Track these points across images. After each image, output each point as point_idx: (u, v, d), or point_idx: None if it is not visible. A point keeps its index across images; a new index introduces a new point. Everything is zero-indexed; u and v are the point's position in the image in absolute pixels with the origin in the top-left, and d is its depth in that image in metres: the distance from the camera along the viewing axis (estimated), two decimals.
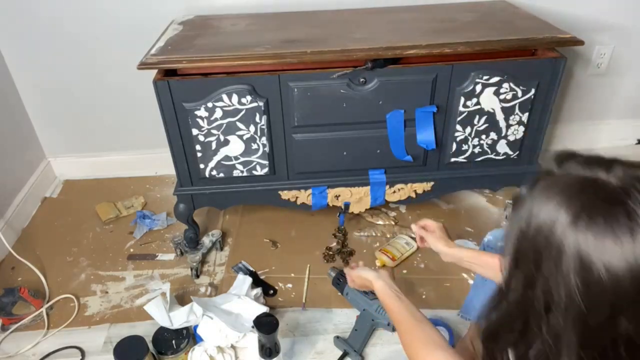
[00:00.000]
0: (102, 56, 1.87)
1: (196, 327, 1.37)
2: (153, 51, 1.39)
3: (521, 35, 1.42)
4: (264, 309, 1.41)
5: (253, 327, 1.26)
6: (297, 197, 1.61)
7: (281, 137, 1.48)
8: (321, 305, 1.55)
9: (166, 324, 1.35)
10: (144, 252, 1.78)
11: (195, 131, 1.43)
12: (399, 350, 1.40)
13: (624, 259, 0.50)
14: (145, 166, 2.15)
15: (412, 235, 1.78)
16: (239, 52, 1.36)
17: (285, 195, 1.60)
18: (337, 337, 1.41)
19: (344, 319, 1.50)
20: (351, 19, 1.64)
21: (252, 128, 1.44)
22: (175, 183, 1.57)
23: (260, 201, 1.62)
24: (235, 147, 1.47)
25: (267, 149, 1.49)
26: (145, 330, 1.42)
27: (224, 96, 1.38)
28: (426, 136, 1.49)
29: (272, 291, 1.59)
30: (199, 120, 1.41)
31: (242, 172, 1.53)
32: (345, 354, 1.38)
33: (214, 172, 1.52)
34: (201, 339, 1.37)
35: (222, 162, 1.50)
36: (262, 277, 1.65)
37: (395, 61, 1.40)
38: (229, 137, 1.45)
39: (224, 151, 1.48)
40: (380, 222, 1.85)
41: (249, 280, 1.51)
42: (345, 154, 1.53)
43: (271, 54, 1.34)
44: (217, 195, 1.59)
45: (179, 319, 1.36)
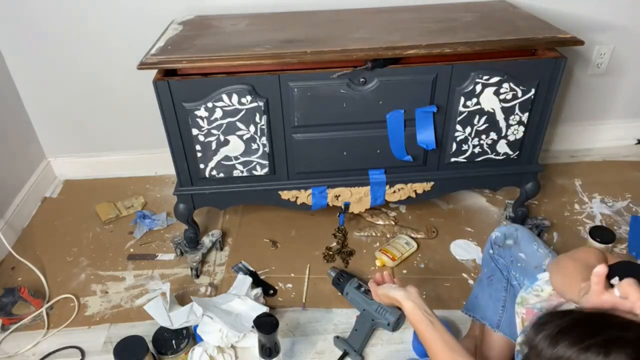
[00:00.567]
0: (102, 56, 1.87)
1: (196, 327, 1.37)
2: (153, 51, 1.39)
3: (521, 35, 1.42)
4: (264, 309, 1.41)
5: (253, 327, 1.26)
6: (297, 197, 1.61)
7: (281, 137, 1.48)
8: (321, 305, 1.55)
9: (166, 324, 1.35)
10: (144, 252, 1.78)
11: (195, 131, 1.43)
12: (399, 350, 1.41)
13: None
14: (145, 166, 2.15)
15: (412, 235, 1.78)
16: (239, 52, 1.36)
17: (285, 195, 1.60)
18: (337, 337, 1.41)
19: (344, 319, 1.50)
20: (351, 19, 1.64)
21: (252, 128, 1.44)
22: (175, 183, 1.57)
23: (260, 201, 1.62)
24: (235, 147, 1.47)
25: (267, 149, 1.49)
26: (145, 330, 1.42)
27: (224, 96, 1.38)
28: (426, 136, 1.49)
29: (272, 291, 1.59)
30: (199, 120, 1.41)
31: (242, 172, 1.53)
32: (345, 354, 1.38)
33: (214, 172, 1.52)
34: (201, 339, 1.37)
35: (222, 162, 1.50)
36: (262, 277, 1.65)
37: (395, 61, 1.40)
38: (229, 137, 1.45)
39: (224, 151, 1.48)
40: (380, 222, 1.85)
41: (249, 280, 1.51)
42: (345, 154, 1.53)
43: (271, 54, 1.34)
44: (217, 195, 1.59)
45: (179, 319, 1.36)
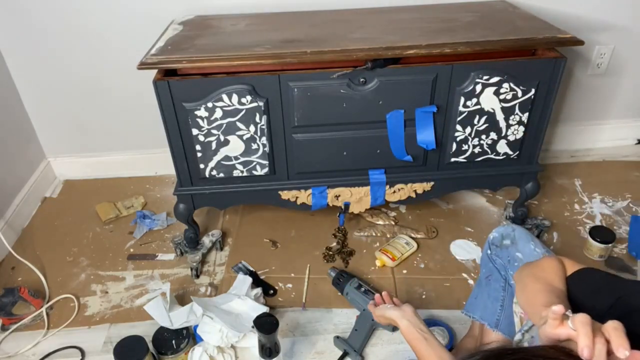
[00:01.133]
0: (102, 56, 1.87)
1: (196, 327, 1.37)
2: (153, 51, 1.39)
3: (521, 35, 1.42)
4: (264, 309, 1.41)
5: (253, 327, 1.26)
6: (297, 197, 1.61)
7: (281, 137, 1.48)
8: (321, 305, 1.55)
9: (166, 324, 1.35)
10: (144, 252, 1.78)
11: (195, 131, 1.43)
12: (399, 350, 1.41)
13: None
14: (145, 166, 2.15)
15: (412, 235, 1.78)
16: (239, 52, 1.36)
17: (285, 195, 1.60)
18: (337, 337, 1.41)
19: (344, 319, 1.50)
20: (351, 19, 1.64)
21: (252, 128, 1.44)
22: (175, 183, 1.57)
23: (260, 201, 1.62)
24: (235, 147, 1.47)
25: (267, 149, 1.49)
26: (145, 330, 1.42)
27: (224, 96, 1.38)
28: (426, 136, 1.49)
29: (272, 291, 1.59)
30: (199, 120, 1.41)
31: (242, 172, 1.53)
32: (345, 354, 1.38)
33: (214, 172, 1.52)
34: (201, 339, 1.37)
35: (222, 162, 1.50)
36: (262, 277, 1.65)
37: (395, 61, 1.40)
38: (229, 137, 1.45)
39: (224, 151, 1.48)
40: (380, 222, 1.85)
41: (249, 280, 1.51)
42: (345, 154, 1.53)
43: (271, 54, 1.34)
44: (217, 195, 1.59)
45: (179, 319, 1.36)
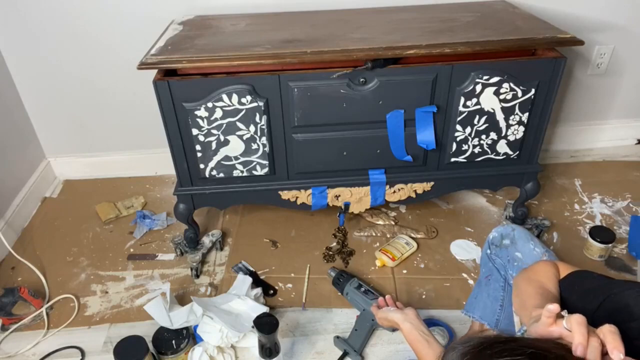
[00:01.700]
0: (102, 56, 1.87)
1: (196, 327, 1.37)
2: (153, 51, 1.39)
3: (521, 35, 1.42)
4: (264, 309, 1.41)
5: (253, 327, 1.26)
6: (297, 197, 1.61)
7: (281, 137, 1.48)
8: (321, 305, 1.55)
9: (166, 324, 1.35)
10: (144, 252, 1.78)
11: (195, 131, 1.43)
12: (399, 350, 1.41)
13: None
14: (145, 166, 2.15)
15: (412, 235, 1.78)
16: (239, 52, 1.36)
17: (285, 195, 1.60)
18: (337, 337, 1.41)
19: (344, 319, 1.50)
20: (351, 19, 1.64)
21: (252, 128, 1.44)
22: (175, 183, 1.57)
23: (260, 201, 1.62)
24: (235, 147, 1.47)
25: (267, 149, 1.49)
26: (145, 330, 1.42)
27: (224, 96, 1.38)
28: (426, 136, 1.49)
29: (272, 291, 1.59)
30: (199, 120, 1.41)
31: (242, 172, 1.53)
32: (345, 354, 1.38)
33: (214, 172, 1.52)
34: (201, 339, 1.37)
35: (222, 162, 1.50)
36: (262, 277, 1.65)
37: (395, 61, 1.40)
38: (229, 137, 1.45)
39: (224, 151, 1.48)
40: (380, 222, 1.85)
41: (249, 280, 1.51)
42: (345, 154, 1.53)
43: (271, 54, 1.34)
44: (217, 195, 1.59)
45: (179, 319, 1.36)
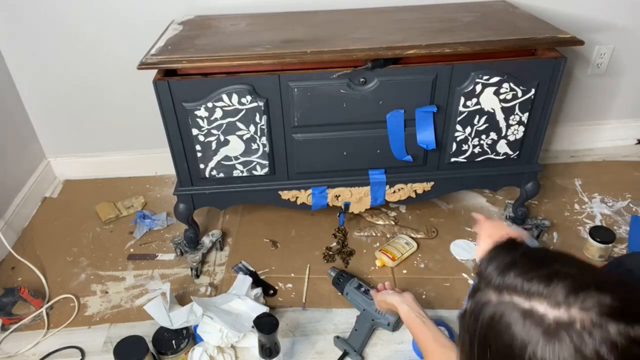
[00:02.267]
0: (102, 56, 1.87)
1: (196, 327, 1.37)
2: (153, 51, 1.39)
3: (521, 35, 1.42)
4: (264, 309, 1.41)
5: (253, 327, 1.26)
6: (297, 197, 1.61)
7: (281, 137, 1.48)
8: (321, 305, 1.55)
9: (166, 324, 1.35)
10: (144, 252, 1.78)
11: (195, 131, 1.43)
12: (399, 350, 1.41)
13: None
14: (145, 166, 2.15)
15: (412, 235, 1.78)
16: (239, 52, 1.36)
17: (285, 195, 1.60)
18: (337, 337, 1.41)
19: (344, 319, 1.50)
20: (351, 19, 1.64)
21: (252, 128, 1.44)
22: (175, 183, 1.57)
23: (260, 201, 1.62)
24: (235, 147, 1.47)
25: (267, 149, 1.49)
26: (145, 330, 1.42)
27: (224, 96, 1.38)
28: (426, 136, 1.49)
29: (272, 291, 1.59)
30: (199, 120, 1.41)
31: (242, 172, 1.53)
32: (345, 354, 1.38)
33: (214, 172, 1.52)
34: (201, 339, 1.37)
35: (222, 162, 1.50)
36: (262, 277, 1.65)
37: (395, 61, 1.40)
38: (229, 137, 1.45)
39: (224, 151, 1.48)
40: (380, 222, 1.85)
41: (249, 280, 1.51)
42: (345, 154, 1.53)
43: (271, 54, 1.34)
44: (217, 195, 1.59)
45: (179, 319, 1.36)
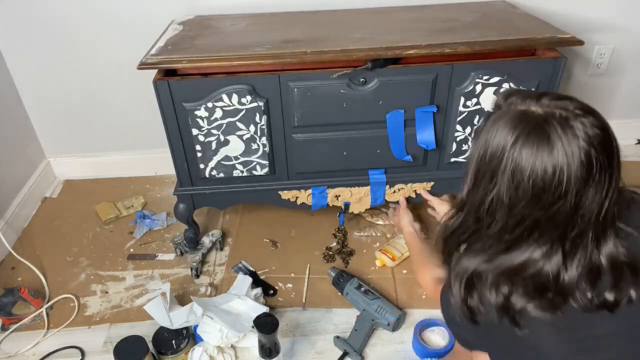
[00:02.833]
0: (102, 56, 1.87)
1: (196, 327, 1.37)
2: (153, 51, 1.39)
3: (521, 35, 1.42)
4: (264, 309, 1.41)
5: (253, 327, 1.26)
6: (297, 197, 1.61)
7: (281, 137, 1.48)
8: (321, 305, 1.55)
9: (166, 324, 1.35)
10: (144, 252, 1.78)
11: (195, 131, 1.43)
12: (399, 350, 1.41)
13: (542, 168, 0.69)
14: (145, 166, 2.15)
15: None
16: (239, 52, 1.36)
17: (285, 195, 1.60)
18: (337, 337, 1.41)
19: (344, 319, 1.50)
20: (351, 19, 1.64)
21: (252, 128, 1.44)
22: (175, 183, 1.57)
23: (260, 201, 1.62)
24: (235, 147, 1.47)
25: (267, 149, 1.49)
26: (145, 330, 1.42)
27: (224, 96, 1.38)
28: (426, 136, 1.49)
29: (272, 291, 1.59)
30: (199, 120, 1.41)
31: (242, 172, 1.53)
32: (345, 354, 1.38)
33: (214, 172, 1.52)
34: (201, 339, 1.37)
35: (222, 162, 1.50)
36: (262, 277, 1.65)
37: (395, 61, 1.40)
38: (229, 137, 1.45)
39: (224, 151, 1.48)
40: (380, 222, 1.85)
41: (249, 280, 1.51)
42: (345, 154, 1.53)
43: (271, 54, 1.34)
44: (217, 195, 1.59)
45: (179, 319, 1.36)
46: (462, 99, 1.45)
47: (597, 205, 0.71)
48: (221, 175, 1.53)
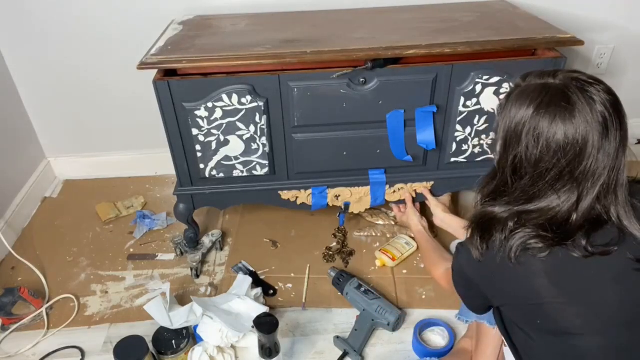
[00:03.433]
0: (102, 56, 1.87)
1: (196, 327, 1.37)
2: (153, 51, 1.39)
3: (521, 35, 1.42)
4: (264, 309, 1.41)
5: (253, 327, 1.26)
6: (297, 197, 1.61)
7: (281, 137, 1.48)
8: (321, 305, 1.55)
9: (166, 324, 1.35)
10: (144, 252, 1.78)
11: (195, 131, 1.43)
12: (398, 350, 1.41)
13: (565, 127, 0.80)
14: (145, 166, 2.15)
15: (412, 235, 1.78)
16: (239, 52, 1.36)
17: (285, 195, 1.60)
18: (337, 337, 1.41)
19: (344, 319, 1.50)
20: (351, 19, 1.64)
21: (252, 128, 1.44)
22: (175, 183, 1.57)
23: (260, 201, 1.62)
24: (235, 147, 1.47)
25: (267, 149, 1.49)
26: (145, 330, 1.42)
27: (224, 96, 1.38)
28: (426, 136, 1.49)
29: (272, 291, 1.59)
30: (199, 120, 1.41)
31: (242, 172, 1.53)
32: (345, 354, 1.39)
33: (214, 172, 1.52)
34: (201, 339, 1.37)
35: (222, 162, 1.50)
36: (262, 277, 1.65)
37: (395, 61, 1.40)
38: (229, 137, 1.45)
39: (224, 151, 1.48)
40: (380, 222, 1.85)
41: (249, 280, 1.51)
42: (345, 154, 1.53)
43: (271, 54, 1.34)
44: (217, 195, 1.59)
45: (179, 319, 1.36)
46: (462, 99, 1.45)
47: (612, 160, 0.81)
48: (221, 175, 1.53)
